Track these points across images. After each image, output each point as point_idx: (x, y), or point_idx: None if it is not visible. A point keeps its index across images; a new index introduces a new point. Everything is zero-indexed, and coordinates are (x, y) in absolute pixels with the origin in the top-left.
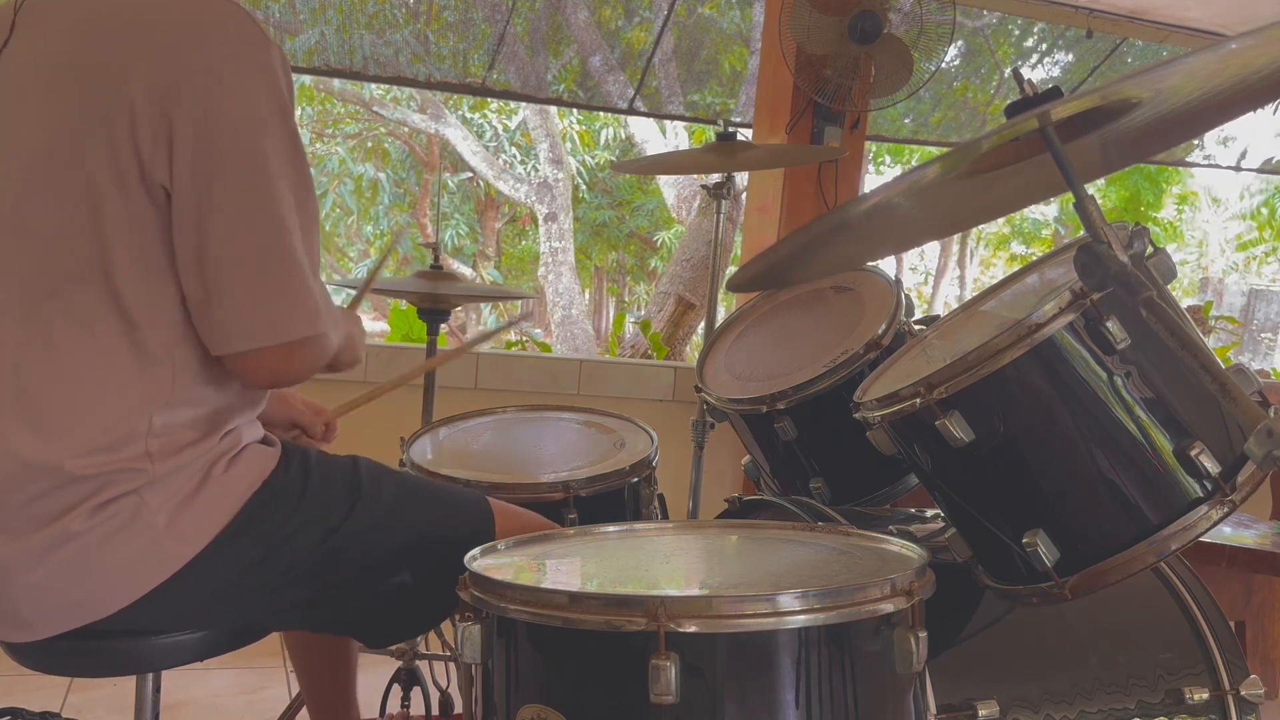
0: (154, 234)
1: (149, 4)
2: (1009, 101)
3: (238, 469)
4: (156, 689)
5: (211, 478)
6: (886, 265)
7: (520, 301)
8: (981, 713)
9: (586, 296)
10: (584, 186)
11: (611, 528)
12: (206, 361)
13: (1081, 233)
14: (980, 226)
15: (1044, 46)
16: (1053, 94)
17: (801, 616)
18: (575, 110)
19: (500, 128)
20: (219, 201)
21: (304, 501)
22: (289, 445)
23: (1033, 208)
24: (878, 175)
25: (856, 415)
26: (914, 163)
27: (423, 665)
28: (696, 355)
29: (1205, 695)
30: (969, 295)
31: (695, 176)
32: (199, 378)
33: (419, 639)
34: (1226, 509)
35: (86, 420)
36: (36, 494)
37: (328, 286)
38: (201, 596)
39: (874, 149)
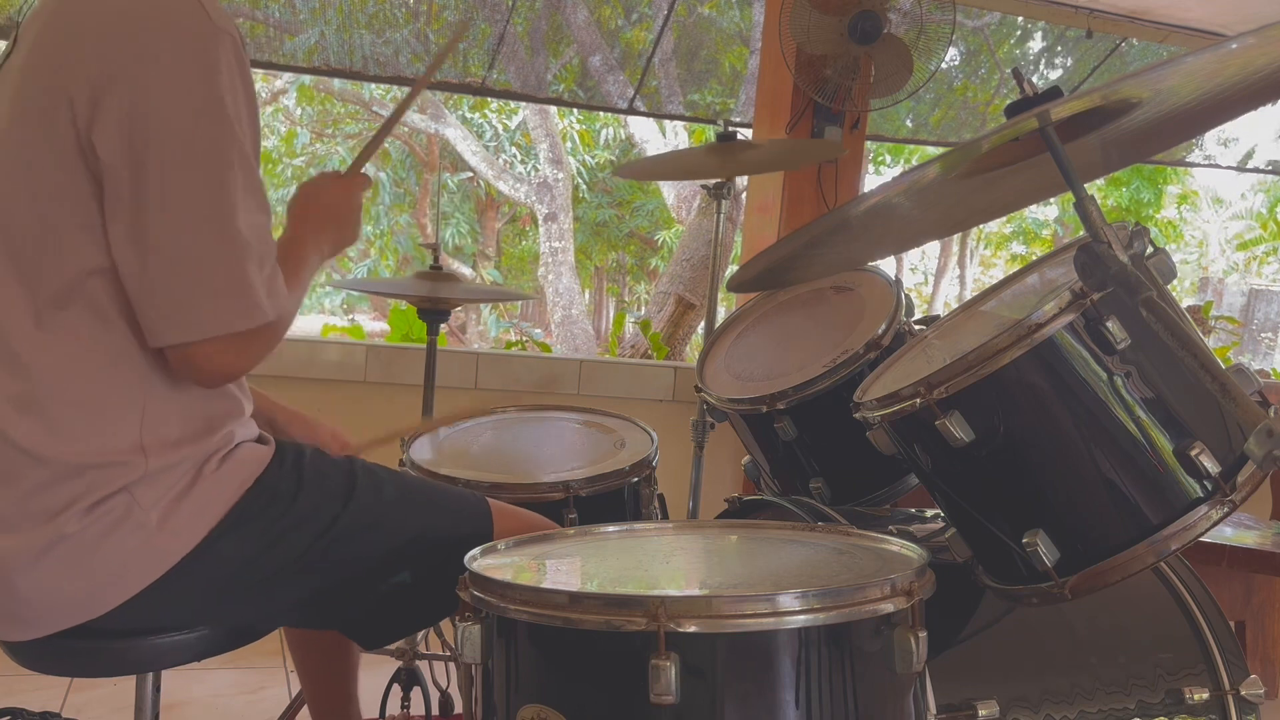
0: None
1: (100, 3)
2: (1009, 101)
3: (230, 466)
4: (156, 689)
5: (204, 475)
6: (886, 265)
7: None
8: (981, 713)
9: (586, 296)
10: (584, 186)
11: (611, 528)
12: None
13: (1081, 233)
14: (980, 226)
15: (1044, 47)
16: (1053, 94)
17: (801, 616)
18: (575, 110)
19: (500, 128)
20: (151, 193)
21: (298, 499)
22: (283, 443)
23: (1033, 208)
24: (877, 175)
25: (856, 415)
26: (914, 163)
27: (423, 665)
28: (696, 355)
29: (1205, 695)
30: (969, 295)
31: None
32: None
33: (419, 639)
34: (1226, 509)
35: (78, 409)
36: (33, 487)
37: (328, 286)
38: (197, 594)
39: (874, 149)
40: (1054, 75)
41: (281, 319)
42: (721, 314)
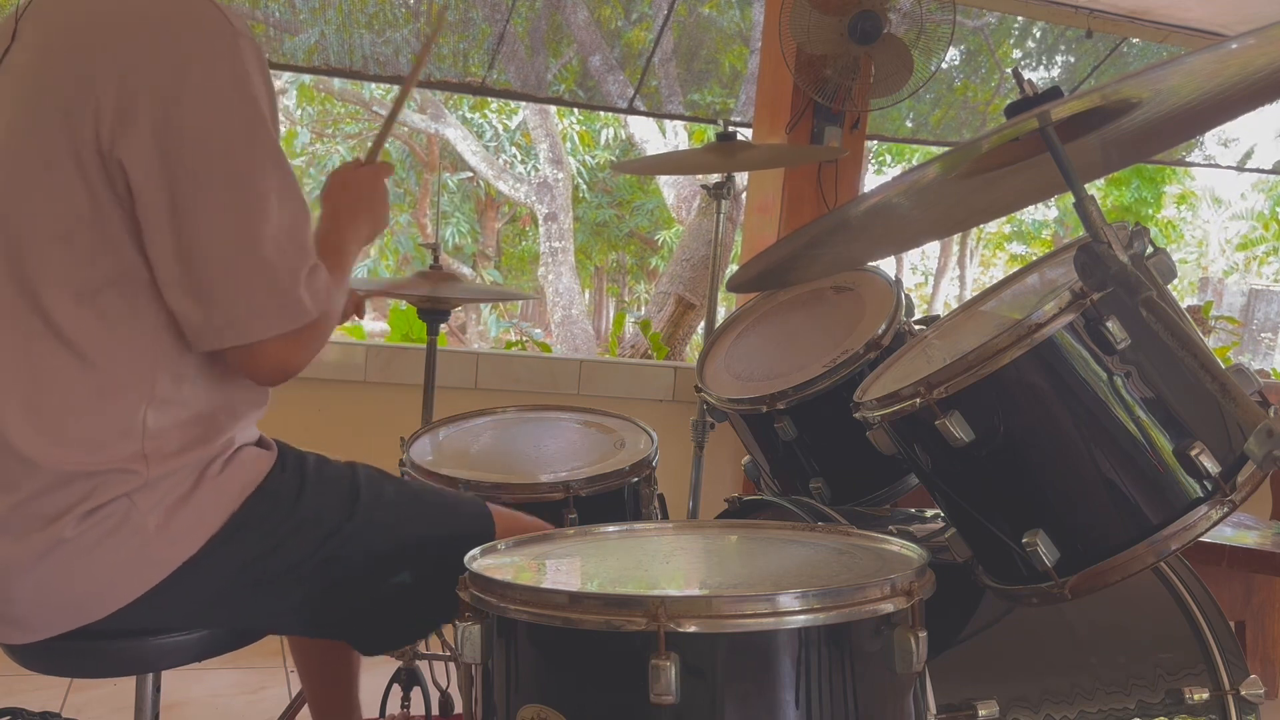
0: (127, 238)
1: (119, 5)
2: (1009, 101)
3: (231, 471)
4: (156, 689)
5: (205, 480)
6: (886, 265)
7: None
8: (981, 713)
9: (586, 296)
10: (584, 186)
11: (611, 528)
12: (197, 363)
13: (1081, 233)
14: (980, 226)
15: (1044, 46)
16: (1053, 94)
17: (801, 616)
18: (575, 110)
19: (500, 128)
20: (192, 204)
21: (300, 505)
22: (285, 448)
23: (1033, 208)
24: (878, 175)
25: (856, 415)
26: (914, 163)
27: (423, 665)
28: (696, 355)
29: (1205, 695)
30: (969, 295)
31: (695, 176)
32: (191, 379)
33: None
34: (1226, 509)
35: (81, 418)
36: (32, 493)
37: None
38: (197, 599)
39: (874, 149)
40: (1054, 75)
41: (327, 314)
42: (721, 314)
